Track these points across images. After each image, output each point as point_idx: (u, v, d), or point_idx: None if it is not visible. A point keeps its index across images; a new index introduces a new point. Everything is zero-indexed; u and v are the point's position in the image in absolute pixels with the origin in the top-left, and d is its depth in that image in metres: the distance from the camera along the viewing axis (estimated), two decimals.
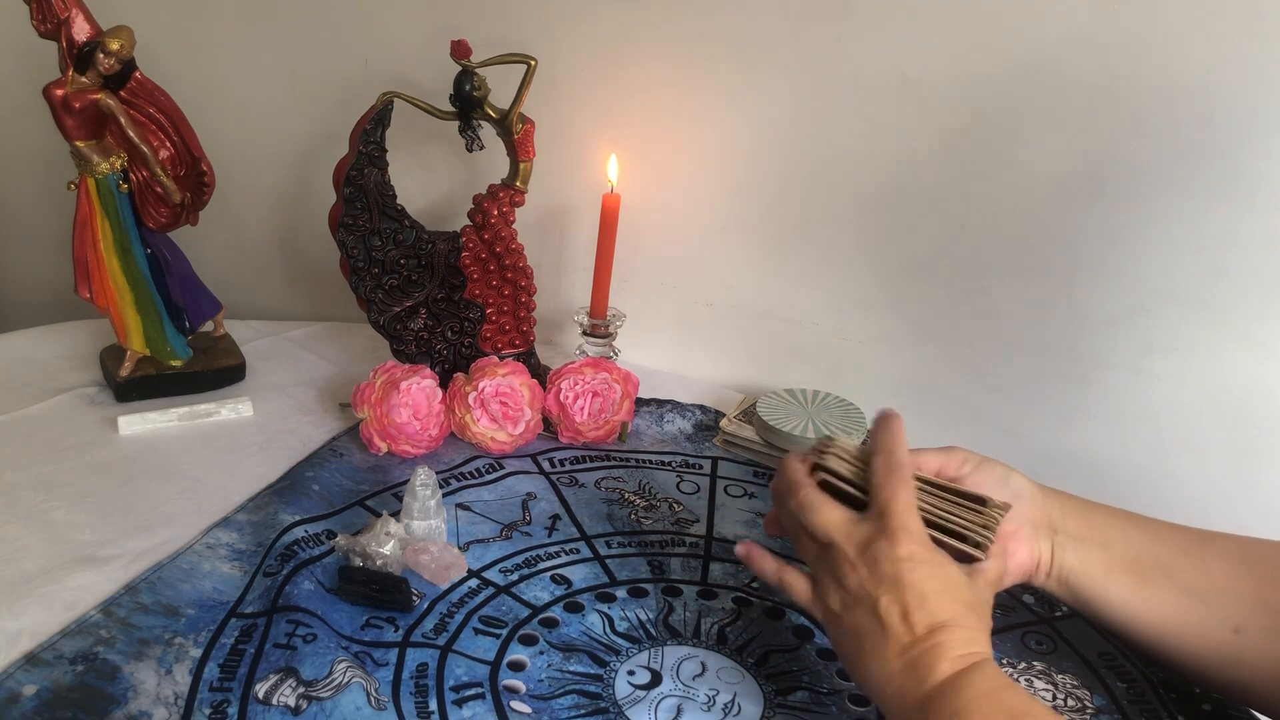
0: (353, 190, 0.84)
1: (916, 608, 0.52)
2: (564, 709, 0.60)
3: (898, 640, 0.52)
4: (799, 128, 0.93)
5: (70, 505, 0.75)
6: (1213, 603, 0.59)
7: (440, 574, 0.70)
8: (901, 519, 0.55)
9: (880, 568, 0.54)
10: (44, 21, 0.77)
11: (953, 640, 0.51)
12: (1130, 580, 0.61)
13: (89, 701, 0.57)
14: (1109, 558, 0.61)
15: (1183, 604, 0.60)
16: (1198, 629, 0.60)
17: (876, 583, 0.54)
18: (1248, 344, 0.84)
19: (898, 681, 0.52)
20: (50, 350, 0.97)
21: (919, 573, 0.53)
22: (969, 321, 0.93)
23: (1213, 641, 0.59)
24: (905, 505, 0.55)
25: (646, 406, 0.95)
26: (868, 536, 0.55)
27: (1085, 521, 0.63)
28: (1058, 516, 0.62)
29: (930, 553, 0.54)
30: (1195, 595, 0.60)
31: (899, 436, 0.58)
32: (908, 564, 0.53)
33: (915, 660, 0.52)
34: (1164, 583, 0.60)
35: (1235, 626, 0.58)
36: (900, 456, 0.57)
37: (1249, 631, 0.58)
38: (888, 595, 0.53)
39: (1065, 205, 0.86)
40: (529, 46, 0.84)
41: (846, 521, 0.56)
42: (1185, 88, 0.79)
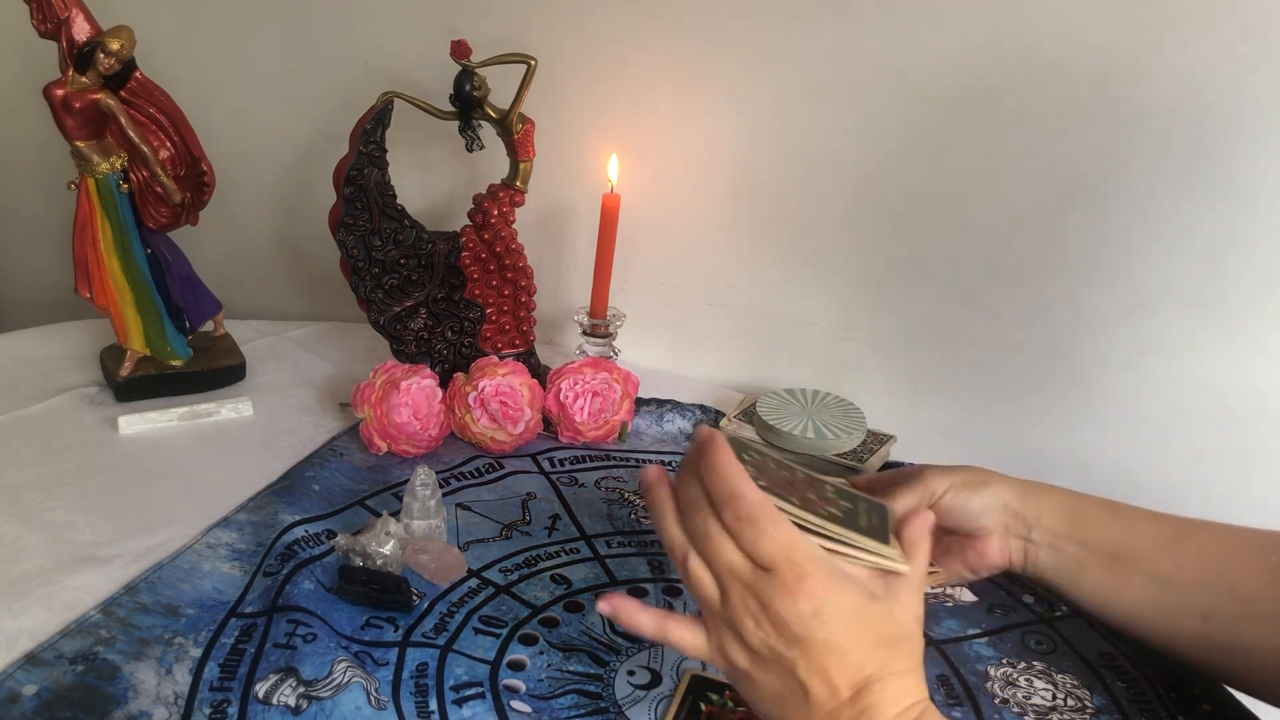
0: (353, 190, 0.84)
1: (837, 668, 0.48)
2: (564, 709, 0.60)
3: (822, 705, 0.48)
4: (799, 128, 0.93)
5: (70, 505, 0.75)
6: (1183, 593, 0.61)
7: (440, 574, 0.70)
8: (792, 567, 0.48)
9: (789, 627, 0.48)
10: (44, 21, 0.77)
11: (884, 699, 0.47)
12: (1104, 574, 0.63)
13: (89, 701, 0.57)
14: (1084, 554, 0.63)
15: (1153, 594, 0.62)
16: (1167, 618, 0.61)
17: (788, 643, 0.48)
18: (1248, 344, 0.84)
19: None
20: (50, 350, 0.97)
21: (832, 626, 0.47)
22: (969, 321, 0.93)
23: (1182, 628, 0.61)
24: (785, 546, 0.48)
25: (646, 406, 0.95)
26: (767, 592, 0.48)
27: (1063, 519, 0.64)
28: (1034, 516, 0.64)
29: (836, 595, 0.48)
30: (1166, 586, 0.61)
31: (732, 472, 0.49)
32: (815, 620, 0.47)
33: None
34: (1136, 576, 0.62)
35: (1204, 614, 0.60)
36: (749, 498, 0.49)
37: (1217, 619, 0.59)
38: (803, 658, 0.48)
39: (1065, 205, 0.86)
40: (529, 46, 0.84)
41: (745, 569, 0.49)
42: (1185, 88, 0.79)
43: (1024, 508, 0.64)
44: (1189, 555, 0.61)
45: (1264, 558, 0.59)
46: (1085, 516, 0.64)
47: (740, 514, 0.49)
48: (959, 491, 0.63)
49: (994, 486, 0.64)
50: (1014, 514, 0.64)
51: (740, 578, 0.49)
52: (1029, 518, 0.64)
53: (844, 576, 0.49)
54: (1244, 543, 0.61)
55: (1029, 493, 0.64)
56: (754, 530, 0.48)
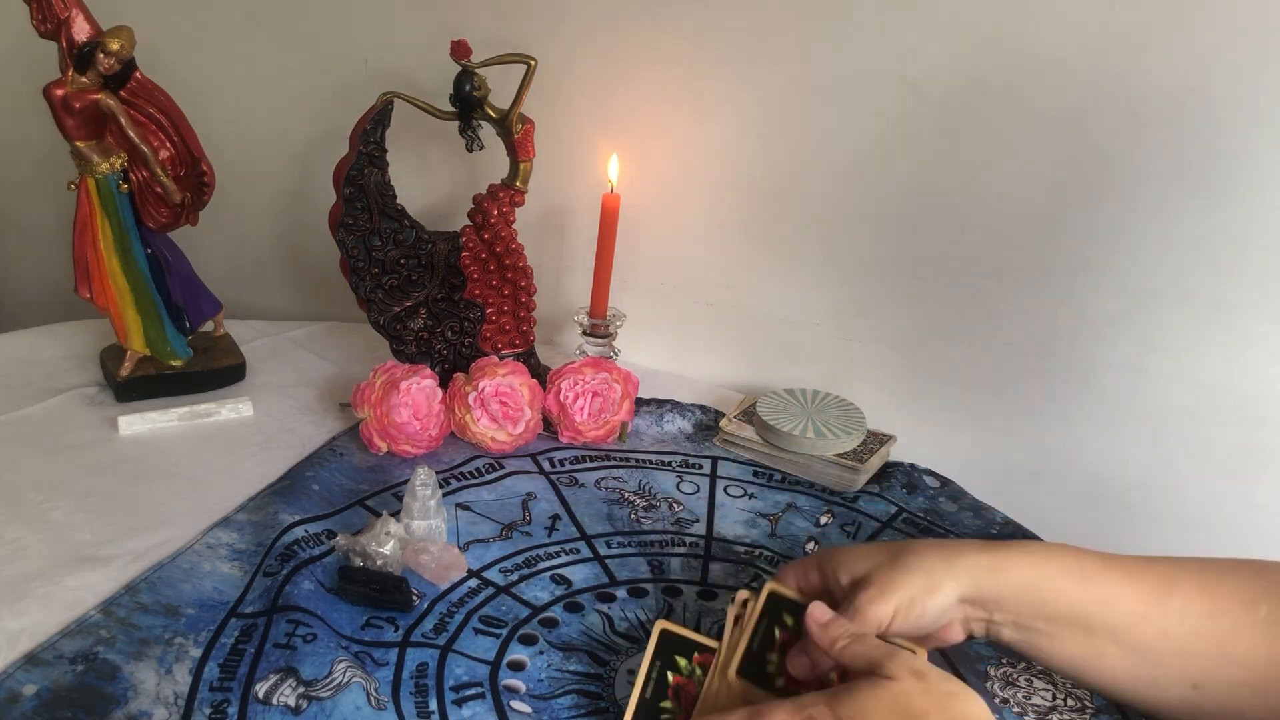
0: (353, 190, 0.84)
1: None
2: (564, 709, 0.60)
3: None
4: (799, 128, 0.93)
5: (70, 505, 0.75)
6: (1170, 663, 0.56)
7: (440, 574, 0.70)
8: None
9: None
10: (44, 21, 0.77)
11: None
12: (1078, 647, 0.57)
13: (89, 701, 0.57)
14: (1054, 628, 0.57)
15: (1134, 665, 0.56)
16: (1151, 688, 0.57)
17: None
18: (1248, 344, 0.84)
19: None
20: (50, 350, 0.97)
21: None
22: (969, 321, 0.93)
23: (1169, 697, 0.56)
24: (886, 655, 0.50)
25: (646, 406, 0.95)
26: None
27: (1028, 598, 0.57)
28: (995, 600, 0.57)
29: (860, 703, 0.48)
30: (1149, 657, 0.56)
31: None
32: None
33: None
34: (1114, 649, 0.56)
35: (1194, 682, 0.55)
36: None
37: (1210, 685, 0.55)
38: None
39: (1065, 205, 0.86)
40: (529, 46, 0.84)
41: None
42: (1185, 88, 0.79)
43: (982, 594, 0.57)
44: (1173, 621, 0.55)
45: (1254, 610, 0.55)
46: (1053, 591, 0.57)
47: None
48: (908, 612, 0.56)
49: (945, 588, 0.57)
50: (971, 603, 0.57)
51: None
52: (988, 603, 0.57)
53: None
54: (1232, 593, 0.56)
55: (987, 576, 0.57)
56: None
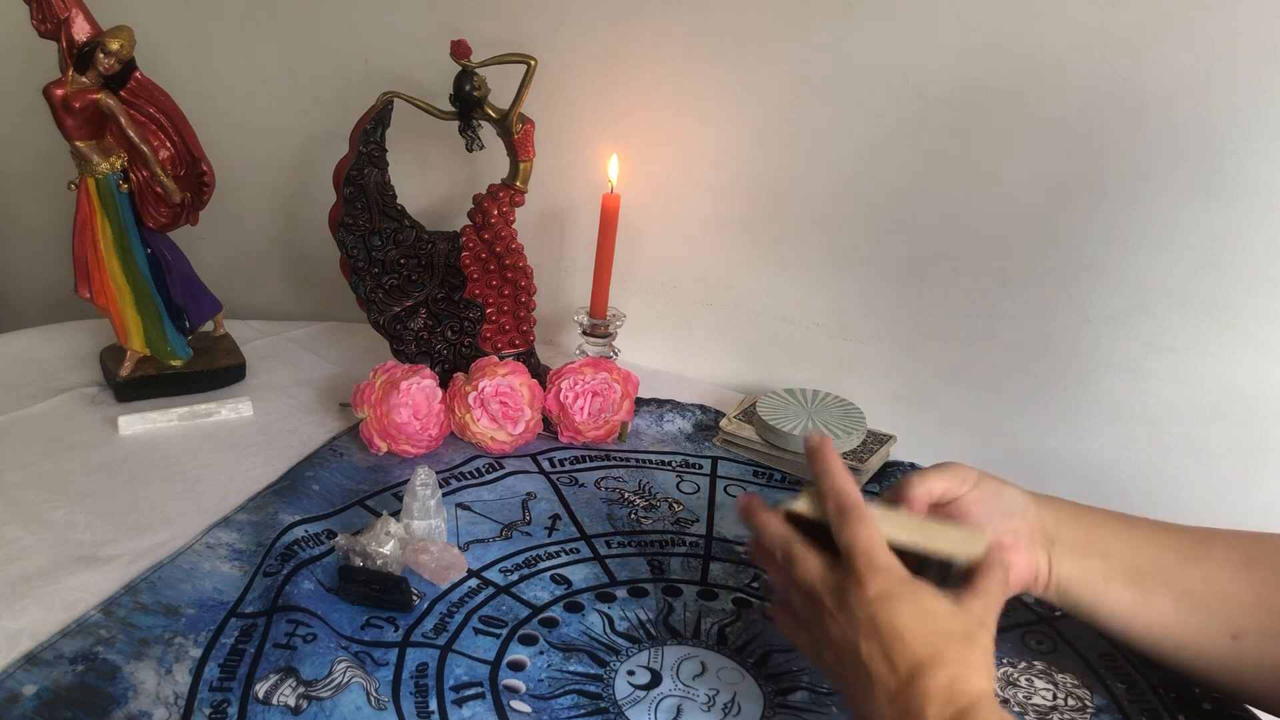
0: (353, 190, 0.84)
1: (895, 648, 0.50)
2: (564, 709, 0.60)
3: (884, 686, 0.50)
4: (799, 128, 0.93)
5: (70, 505, 0.75)
6: (1212, 609, 0.58)
7: (440, 574, 0.70)
8: (866, 558, 0.52)
9: (854, 613, 0.52)
10: (44, 21, 0.77)
11: (936, 684, 0.49)
12: (1128, 588, 0.60)
13: (89, 701, 0.57)
14: (1107, 566, 0.61)
15: (1181, 610, 0.59)
16: (1197, 635, 0.59)
17: (855, 630, 0.52)
18: (1248, 344, 0.84)
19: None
20: (50, 350, 0.97)
21: (891, 609, 0.51)
22: (969, 321, 0.93)
23: (1213, 647, 0.58)
24: (867, 542, 0.53)
25: (646, 406, 0.95)
26: (839, 583, 0.53)
27: (1083, 530, 0.62)
28: (1054, 527, 0.61)
29: (902, 585, 0.52)
30: (1194, 601, 0.59)
31: (838, 470, 0.56)
32: (879, 604, 0.51)
33: (904, 709, 0.50)
34: (1162, 590, 0.59)
35: (1234, 632, 0.58)
36: (849, 495, 0.55)
37: (1248, 636, 0.57)
38: (866, 640, 0.51)
39: (1065, 205, 0.86)
40: (529, 46, 0.84)
41: (823, 569, 0.54)
42: (1185, 88, 0.79)
43: (1044, 516, 0.61)
44: (1213, 566, 0.59)
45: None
46: (1102, 527, 0.62)
47: (841, 507, 0.55)
48: (989, 482, 0.61)
49: (1014, 490, 0.62)
50: (1036, 521, 0.61)
51: (822, 579, 0.54)
52: (1049, 527, 0.61)
53: (915, 580, 0.53)
54: (1266, 550, 0.59)
55: (1044, 503, 0.62)
56: (843, 520, 0.54)
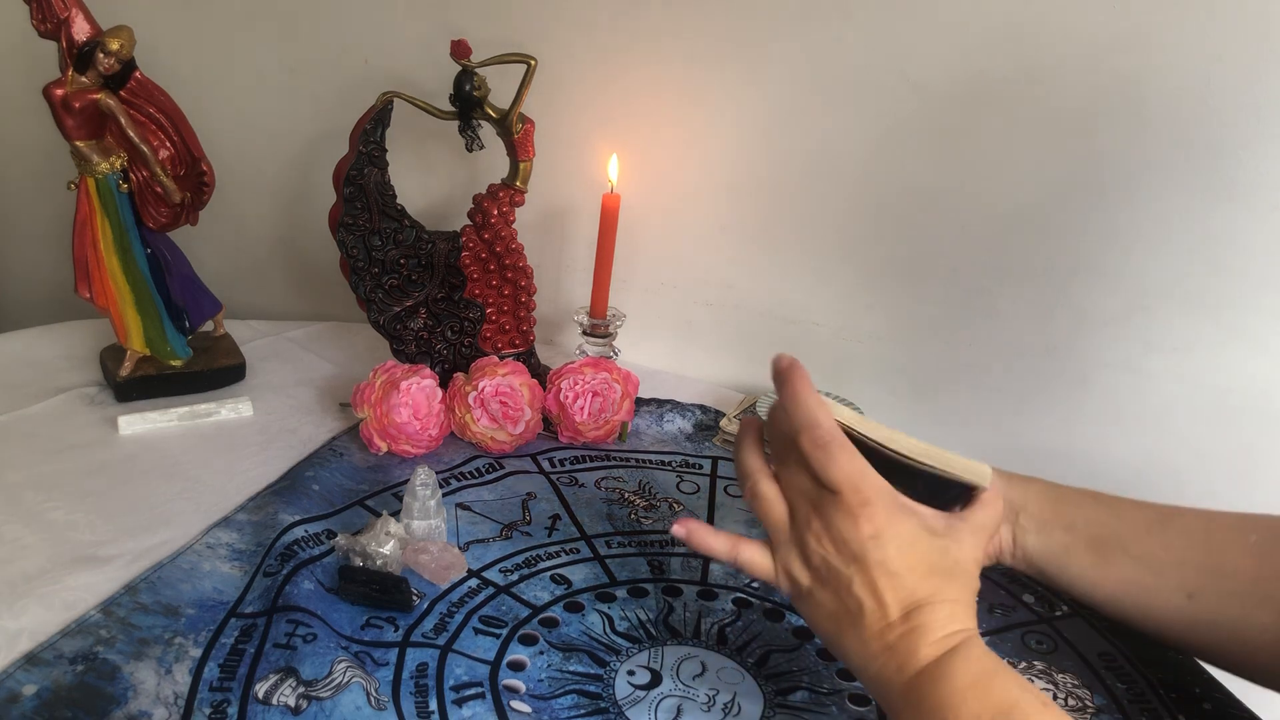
0: (353, 190, 0.84)
1: (889, 586, 0.51)
2: (564, 709, 0.60)
3: (874, 623, 0.51)
4: (799, 127, 0.93)
5: (70, 505, 0.75)
6: (1168, 573, 0.61)
7: (440, 574, 0.70)
8: (853, 490, 0.52)
9: (848, 546, 0.52)
10: (44, 21, 0.77)
11: (932, 621, 0.50)
12: (1091, 557, 0.63)
13: (89, 701, 0.57)
14: (1070, 538, 0.64)
15: (1138, 575, 0.62)
16: (1153, 597, 0.62)
17: (845, 561, 0.52)
18: (1248, 344, 0.84)
19: (878, 663, 0.51)
20: (50, 350, 0.97)
21: (888, 550, 0.51)
22: (969, 321, 0.93)
23: (1168, 607, 0.61)
24: (852, 473, 0.52)
25: (646, 406, 0.95)
26: (830, 510, 0.52)
27: (1050, 505, 0.65)
28: (1020, 501, 0.65)
29: (896, 524, 0.52)
30: (1151, 566, 0.62)
31: (810, 401, 0.54)
32: (874, 542, 0.51)
33: (894, 644, 0.51)
34: (1122, 557, 0.63)
35: (1189, 592, 0.60)
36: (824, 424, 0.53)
37: (1202, 596, 0.60)
38: (858, 574, 0.51)
39: (1065, 205, 0.86)
40: (529, 46, 0.84)
41: (812, 489, 0.53)
42: (1185, 87, 0.79)
43: (1011, 494, 0.64)
44: (1173, 535, 0.62)
45: (1244, 537, 0.60)
46: (1070, 503, 0.65)
47: (816, 440, 0.53)
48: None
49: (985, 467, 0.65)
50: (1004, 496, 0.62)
51: (808, 497, 0.54)
52: (1016, 503, 0.65)
53: (906, 509, 0.53)
54: (1226, 523, 0.62)
55: (1014, 481, 0.65)
56: (825, 455, 0.52)
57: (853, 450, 0.53)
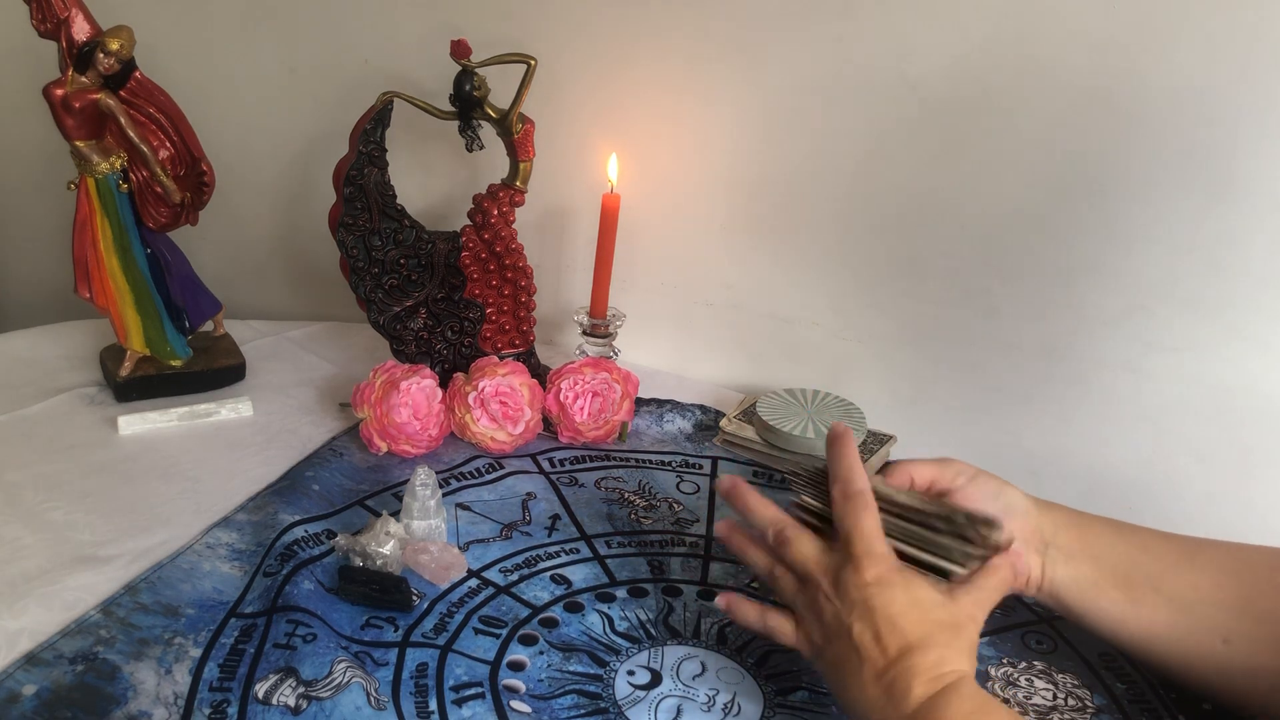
0: (353, 190, 0.84)
1: (887, 631, 0.53)
2: (564, 709, 0.60)
3: (873, 665, 0.53)
4: (799, 127, 0.93)
5: (70, 505, 0.75)
6: (1201, 614, 0.59)
7: (440, 574, 0.70)
8: (865, 544, 0.56)
9: (850, 595, 0.55)
10: (44, 21, 0.77)
11: (924, 662, 0.52)
12: (1120, 593, 0.61)
13: (89, 701, 0.57)
14: (1099, 571, 0.62)
15: (1172, 616, 0.60)
16: (1187, 639, 0.60)
17: (849, 610, 0.55)
18: (1248, 344, 0.84)
19: (878, 708, 0.53)
20: (50, 350, 0.97)
21: (886, 596, 0.54)
22: (968, 321, 0.93)
23: (1202, 651, 0.59)
24: (868, 531, 0.56)
25: (646, 406, 0.95)
26: (837, 565, 0.56)
27: (1077, 535, 0.63)
28: (1050, 531, 0.63)
29: (897, 574, 0.55)
30: (1183, 607, 0.60)
31: (851, 460, 0.59)
32: (874, 588, 0.54)
33: (891, 684, 0.52)
34: (1153, 596, 0.61)
35: (1224, 636, 0.59)
36: (857, 483, 0.58)
37: (1237, 640, 0.58)
38: (859, 622, 0.54)
39: (1064, 205, 0.86)
40: (529, 46, 0.84)
41: (819, 552, 0.58)
42: (1184, 87, 0.79)
43: (1041, 519, 0.63)
44: (1202, 573, 0.60)
45: (1275, 575, 0.59)
46: (1096, 533, 0.63)
47: (848, 492, 0.58)
48: (988, 480, 0.63)
49: (1014, 490, 0.64)
50: (1034, 525, 0.63)
51: (817, 561, 0.57)
52: (1046, 534, 0.63)
53: (909, 570, 0.56)
54: (1255, 560, 0.60)
55: (1041, 506, 0.64)
56: (854, 506, 0.57)
57: (875, 513, 0.57)
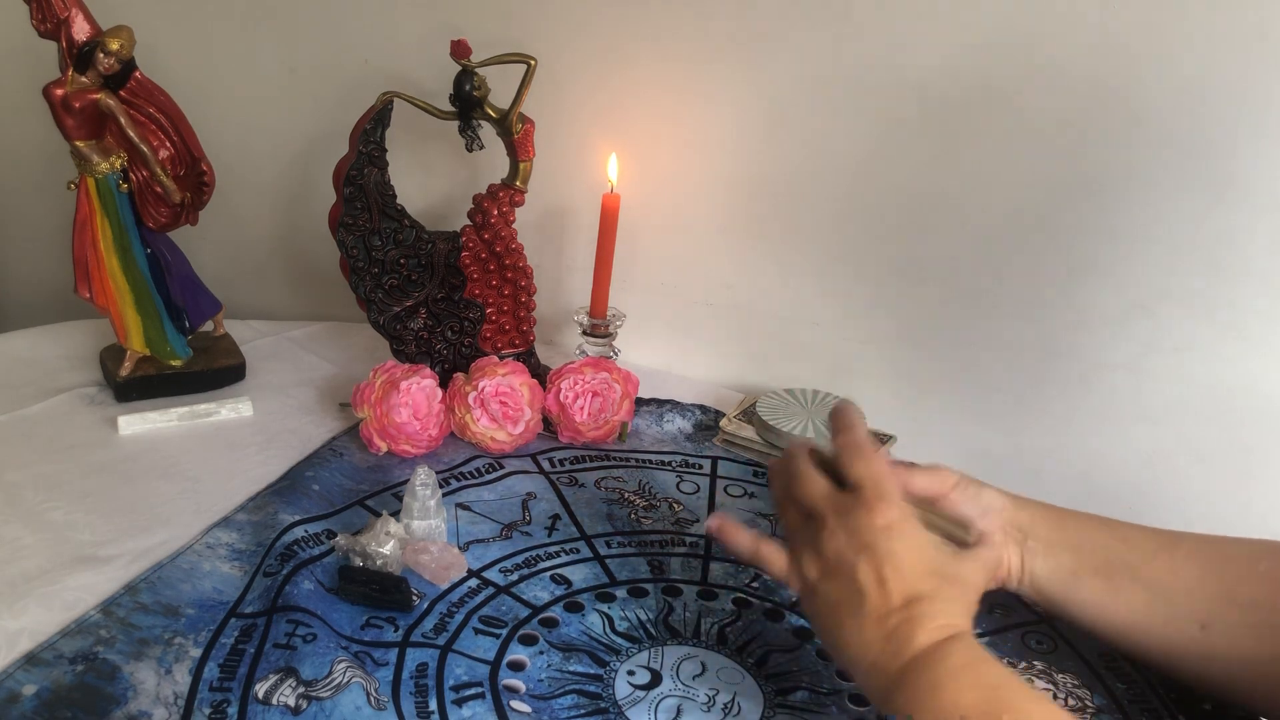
0: (353, 190, 0.84)
1: (894, 576, 0.53)
2: (564, 709, 0.60)
3: (875, 609, 0.53)
4: (799, 128, 0.93)
5: (70, 505, 0.75)
6: (1179, 601, 0.60)
7: (440, 574, 0.70)
8: (877, 489, 0.55)
9: (859, 536, 0.54)
10: (44, 21, 0.77)
11: (930, 611, 0.52)
12: (1099, 583, 0.62)
13: (89, 701, 0.57)
14: (1078, 562, 0.63)
15: (1150, 603, 0.61)
16: (1164, 627, 0.61)
17: (855, 550, 0.54)
18: (1248, 344, 0.84)
19: (875, 650, 0.52)
20: (50, 350, 0.97)
21: (897, 543, 0.53)
22: (968, 321, 0.93)
23: (1180, 638, 0.60)
24: (880, 475, 0.56)
25: (646, 406, 0.95)
26: (848, 506, 0.55)
27: (1057, 528, 0.64)
28: (1028, 524, 0.64)
29: (908, 521, 0.55)
30: (1162, 595, 0.61)
31: (858, 425, 0.59)
32: (885, 533, 0.54)
33: (893, 630, 0.52)
34: (1131, 584, 0.61)
35: (1201, 623, 0.59)
36: (860, 436, 0.58)
37: (1215, 627, 0.59)
38: (866, 562, 0.53)
39: (1064, 205, 0.86)
40: (529, 46, 0.84)
41: (830, 490, 0.57)
42: (1184, 87, 0.79)
43: (1018, 515, 0.64)
44: (1182, 561, 0.61)
45: (1255, 564, 0.59)
46: (1075, 526, 0.64)
47: (849, 442, 0.58)
48: (969, 484, 0.64)
49: (991, 490, 0.65)
50: (1010, 520, 0.64)
51: (826, 498, 0.57)
52: (1024, 525, 0.64)
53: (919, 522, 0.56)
54: (1234, 551, 0.61)
55: (1020, 503, 0.65)
56: (855, 455, 0.57)
57: (882, 457, 0.57)
